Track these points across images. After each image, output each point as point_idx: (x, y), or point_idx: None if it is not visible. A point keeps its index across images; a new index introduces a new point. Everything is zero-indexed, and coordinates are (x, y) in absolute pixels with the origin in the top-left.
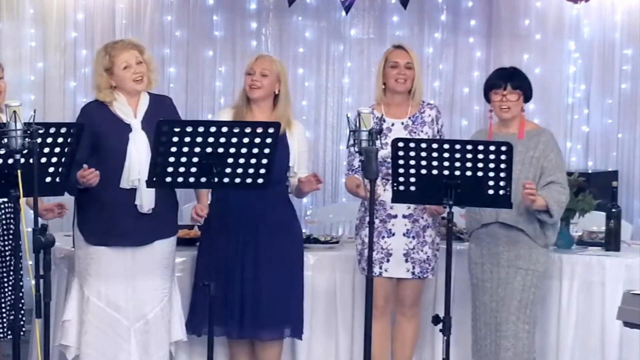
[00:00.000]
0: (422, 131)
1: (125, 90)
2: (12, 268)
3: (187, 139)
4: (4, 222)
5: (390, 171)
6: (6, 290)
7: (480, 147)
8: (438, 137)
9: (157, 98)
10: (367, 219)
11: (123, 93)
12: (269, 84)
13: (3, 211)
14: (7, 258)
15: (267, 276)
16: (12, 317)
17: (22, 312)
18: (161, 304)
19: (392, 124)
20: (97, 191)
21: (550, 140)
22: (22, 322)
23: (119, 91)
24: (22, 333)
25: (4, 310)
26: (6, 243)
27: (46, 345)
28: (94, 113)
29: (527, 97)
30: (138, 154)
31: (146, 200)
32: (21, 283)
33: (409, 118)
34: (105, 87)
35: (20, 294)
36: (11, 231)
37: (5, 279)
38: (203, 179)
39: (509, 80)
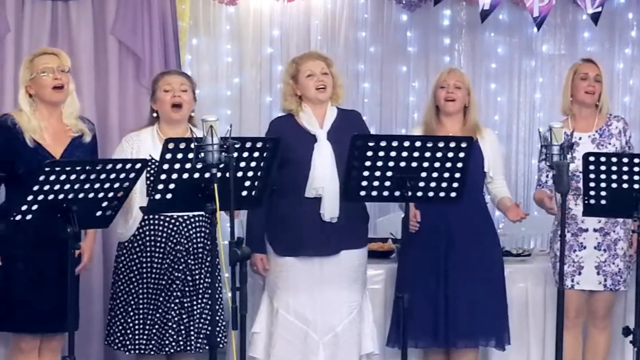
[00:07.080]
0: (609, 143)
1: (309, 99)
2: (204, 282)
3: (381, 153)
4: (194, 239)
5: (579, 185)
6: (201, 303)
7: None
8: (627, 149)
9: (346, 113)
10: (559, 232)
11: (309, 104)
12: (462, 97)
13: (195, 229)
14: (202, 272)
15: (461, 286)
16: (209, 330)
17: (220, 324)
18: (349, 316)
19: (580, 138)
20: (284, 202)
21: None
22: (219, 335)
23: (305, 102)
24: (220, 345)
25: (199, 323)
26: (198, 258)
27: (242, 356)
28: (281, 127)
29: None
30: (322, 163)
31: (329, 208)
32: (218, 295)
33: (596, 131)
34: (290, 95)
35: (218, 307)
36: (199, 247)
37: (201, 293)
38: (397, 193)
39: None
